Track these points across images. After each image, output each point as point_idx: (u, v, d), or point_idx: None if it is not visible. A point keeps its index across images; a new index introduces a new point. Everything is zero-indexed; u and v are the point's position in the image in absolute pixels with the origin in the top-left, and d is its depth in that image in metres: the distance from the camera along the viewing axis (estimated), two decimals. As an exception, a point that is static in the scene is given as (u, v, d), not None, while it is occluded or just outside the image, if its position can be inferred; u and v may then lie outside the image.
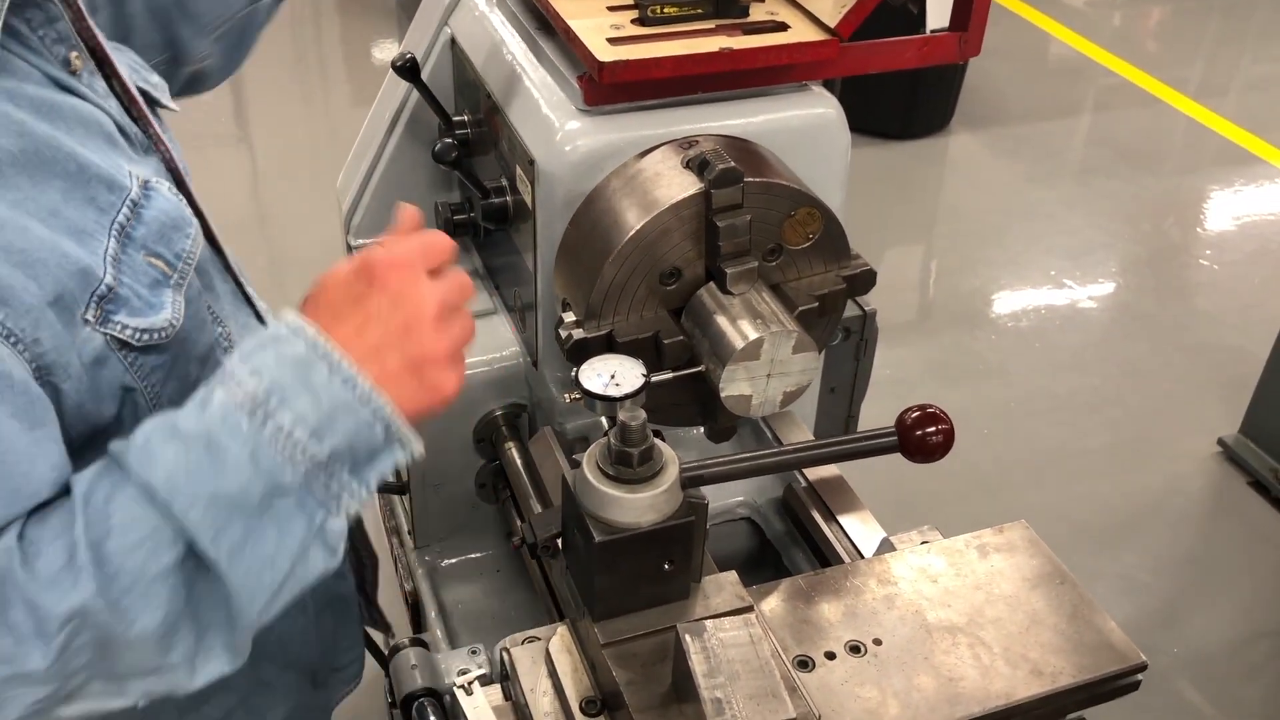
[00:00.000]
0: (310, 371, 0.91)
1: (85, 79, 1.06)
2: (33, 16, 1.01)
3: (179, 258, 1.06)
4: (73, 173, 0.98)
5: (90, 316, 0.97)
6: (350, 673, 1.57)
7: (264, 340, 0.94)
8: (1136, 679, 1.30)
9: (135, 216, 1.02)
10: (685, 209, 1.41)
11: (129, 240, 1.01)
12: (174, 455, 0.89)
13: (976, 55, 1.68)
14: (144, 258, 1.02)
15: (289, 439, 0.90)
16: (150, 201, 1.04)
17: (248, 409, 0.90)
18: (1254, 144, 5.60)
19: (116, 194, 1.01)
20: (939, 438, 1.22)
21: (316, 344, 0.92)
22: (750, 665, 1.06)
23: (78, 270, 0.95)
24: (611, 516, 1.14)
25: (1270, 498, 3.51)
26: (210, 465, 0.88)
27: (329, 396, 0.91)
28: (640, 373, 1.33)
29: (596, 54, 1.47)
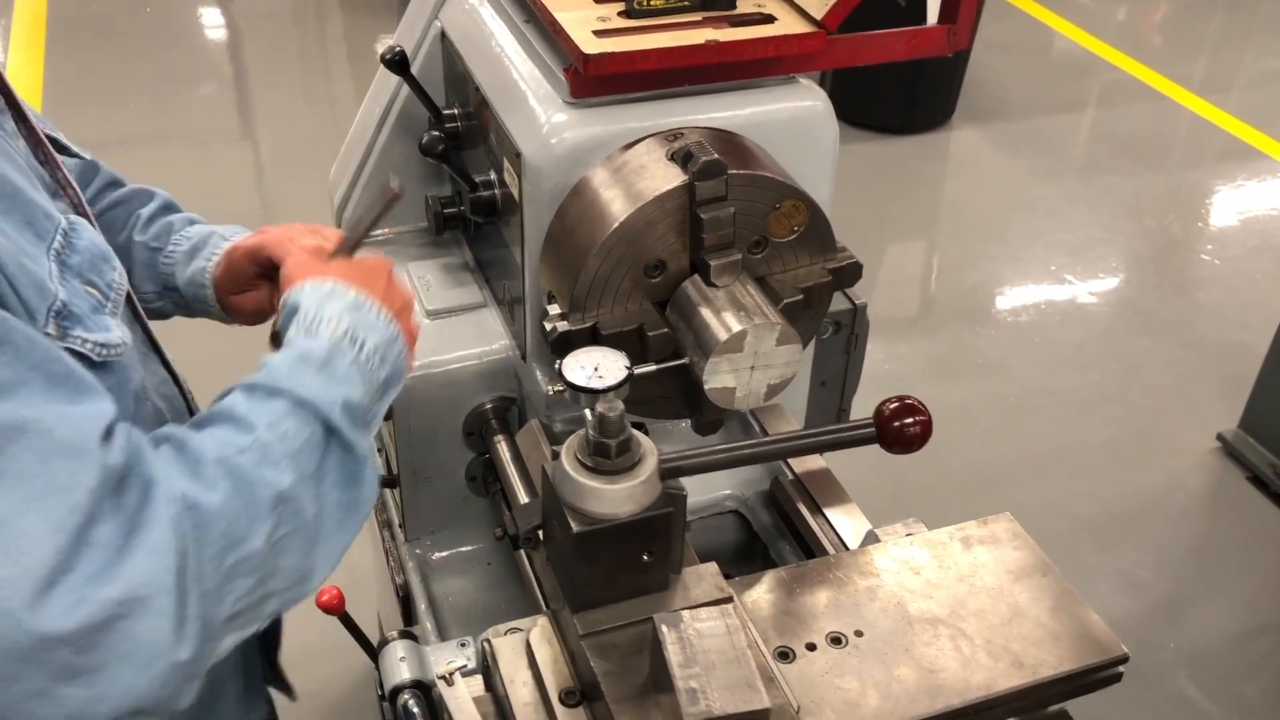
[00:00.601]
0: (366, 312, 1.15)
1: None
2: None
3: (110, 287, 1.08)
4: (9, 194, 0.99)
5: (50, 330, 0.98)
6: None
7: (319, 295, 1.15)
8: (1119, 671, 1.30)
9: (69, 245, 1.04)
10: (669, 201, 1.41)
11: (66, 267, 1.03)
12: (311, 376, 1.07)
13: (965, 48, 1.68)
14: (80, 285, 1.04)
15: (368, 360, 1.12)
16: (78, 233, 1.06)
17: (349, 337, 1.11)
18: (1258, 139, 5.58)
19: (50, 223, 1.03)
20: (916, 429, 1.22)
21: (358, 294, 1.16)
22: (726, 655, 1.06)
23: (33, 282, 0.97)
24: (590, 507, 1.14)
25: (1269, 493, 3.51)
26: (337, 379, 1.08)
27: (383, 332, 1.15)
28: (624, 365, 1.33)
29: (582, 46, 1.47)
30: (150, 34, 6.22)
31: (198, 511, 0.95)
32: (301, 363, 1.07)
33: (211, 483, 0.97)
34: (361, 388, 1.10)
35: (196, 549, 0.94)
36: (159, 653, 0.91)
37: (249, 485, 0.99)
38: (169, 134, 5.16)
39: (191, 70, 5.93)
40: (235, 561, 0.97)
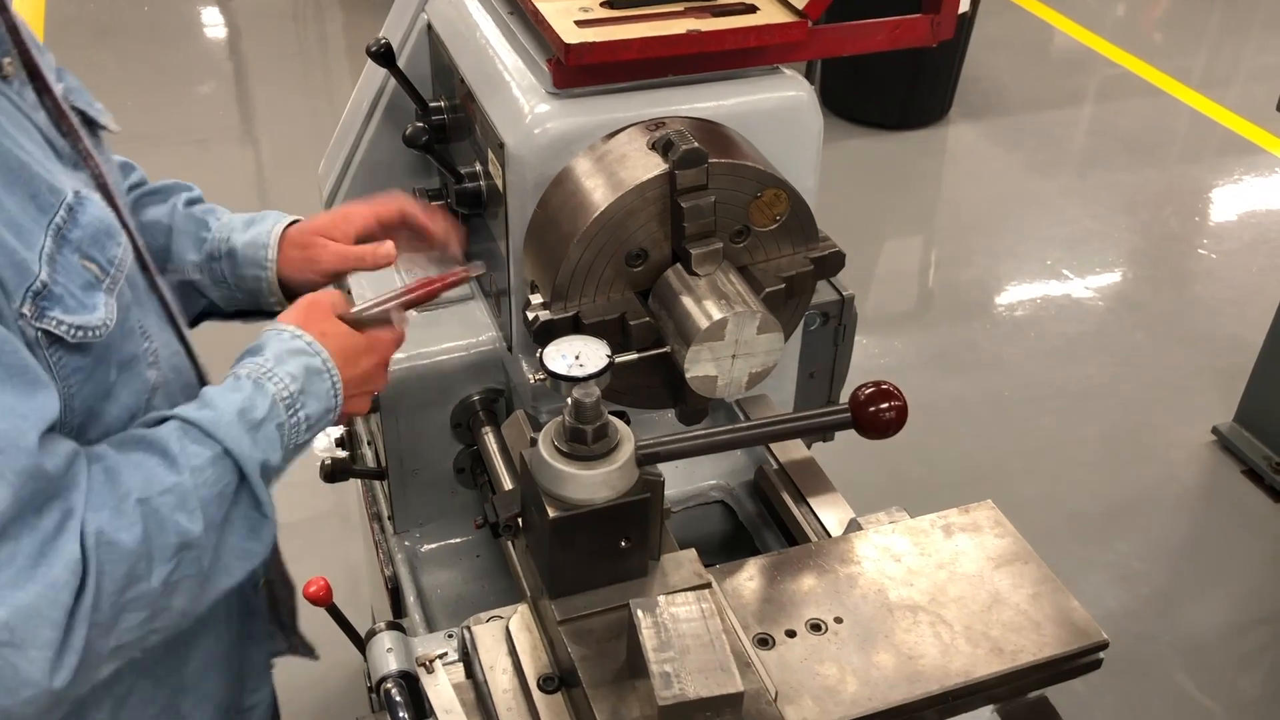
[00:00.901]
0: (320, 381, 1.23)
1: (16, 87, 1.09)
2: None
3: (111, 263, 1.10)
4: (14, 168, 1.01)
5: (25, 310, 0.99)
6: (260, 713, 1.54)
7: (291, 348, 1.23)
8: (1099, 657, 1.30)
9: (71, 219, 1.06)
10: (650, 190, 1.41)
11: (65, 241, 1.04)
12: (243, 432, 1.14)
13: (949, 37, 1.68)
14: (79, 260, 1.05)
15: (296, 428, 1.20)
16: (84, 208, 1.08)
17: (286, 402, 1.19)
18: (1256, 134, 5.58)
19: (55, 196, 1.05)
20: (891, 414, 1.22)
21: (327, 362, 1.24)
22: (701, 640, 1.07)
23: (13, 263, 0.98)
24: (566, 493, 1.14)
25: (1264, 486, 3.51)
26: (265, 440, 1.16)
27: (324, 404, 1.24)
28: (604, 353, 1.33)
29: (564, 36, 1.47)
30: (149, 33, 6.23)
31: (112, 549, 1.00)
32: (240, 417, 1.14)
33: (130, 522, 1.02)
34: (281, 452, 1.18)
35: (97, 584, 0.99)
36: (32, 682, 0.94)
37: (160, 528, 1.04)
38: (168, 133, 5.16)
39: (190, 69, 5.93)
40: (131, 598, 1.02)
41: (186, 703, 1.35)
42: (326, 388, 1.23)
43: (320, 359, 1.23)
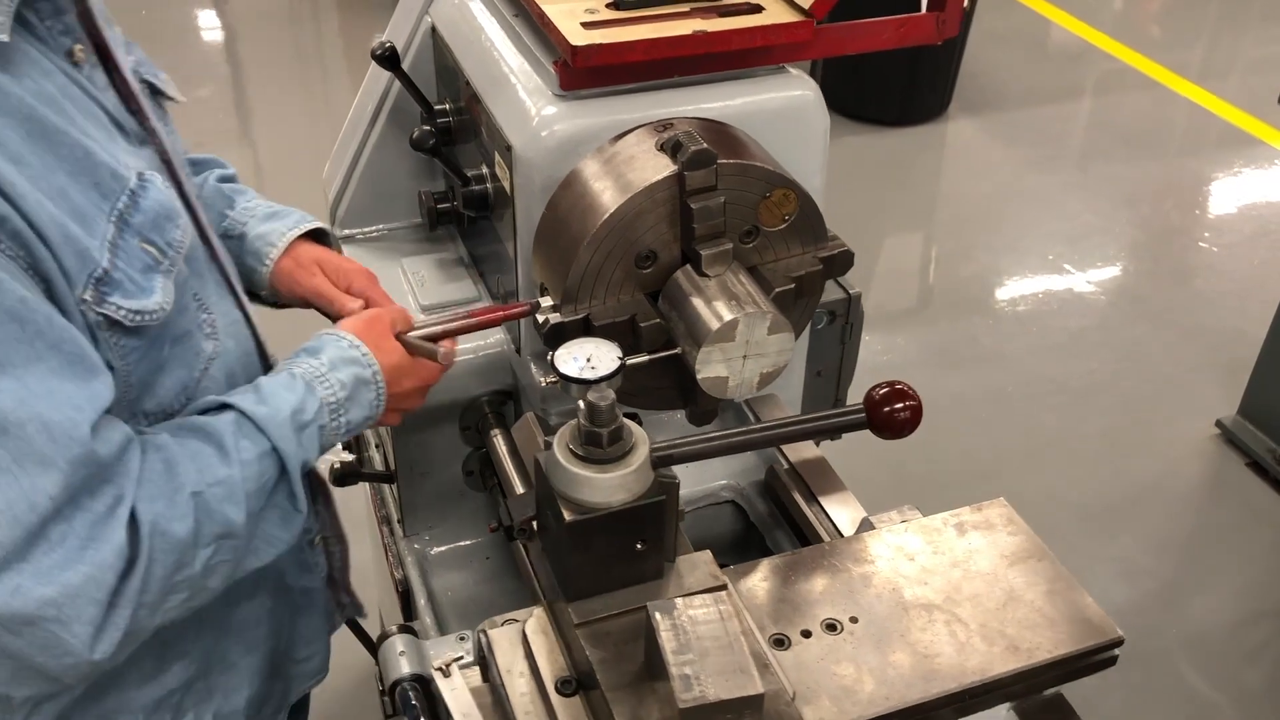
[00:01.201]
0: (367, 391, 1.30)
1: (86, 71, 1.12)
2: (42, 8, 1.07)
3: (170, 246, 1.13)
4: (80, 158, 1.05)
5: (87, 296, 1.04)
6: (313, 666, 1.58)
7: (348, 357, 1.29)
8: (1114, 654, 1.30)
9: (133, 205, 1.09)
10: (659, 191, 1.41)
11: (126, 226, 1.08)
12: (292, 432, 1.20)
13: (955, 35, 1.68)
14: (139, 244, 1.09)
15: (337, 432, 1.27)
16: (146, 192, 1.11)
17: (332, 407, 1.25)
18: (1255, 126, 5.58)
19: (119, 182, 1.08)
20: (906, 414, 1.22)
21: (377, 375, 1.31)
22: (720, 642, 1.07)
23: (77, 251, 1.03)
24: (582, 496, 1.14)
25: (1269, 478, 3.51)
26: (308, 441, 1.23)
27: (367, 411, 1.30)
28: (616, 355, 1.33)
29: (570, 38, 1.47)
30: (145, 37, 6.11)
31: (165, 538, 1.06)
32: (292, 418, 1.20)
33: (182, 514, 1.08)
34: (318, 451, 1.25)
35: (148, 570, 1.05)
36: (74, 653, 1.01)
37: (209, 519, 1.11)
38: (165, 136, 5.15)
39: (188, 72, 5.92)
40: (177, 582, 1.09)
41: (235, 649, 1.40)
42: (372, 398, 1.30)
43: (371, 371, 1.30)
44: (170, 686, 1.32)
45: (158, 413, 1.18)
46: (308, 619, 1.55)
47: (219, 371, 1.26)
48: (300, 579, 1.51)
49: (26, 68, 1.03)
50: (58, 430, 0.98)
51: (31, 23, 1.06)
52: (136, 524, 1.04)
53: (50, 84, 1.05)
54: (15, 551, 0.96)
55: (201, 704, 1.37)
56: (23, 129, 1.00)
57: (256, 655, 1.43)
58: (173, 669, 1.32)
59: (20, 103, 1.01)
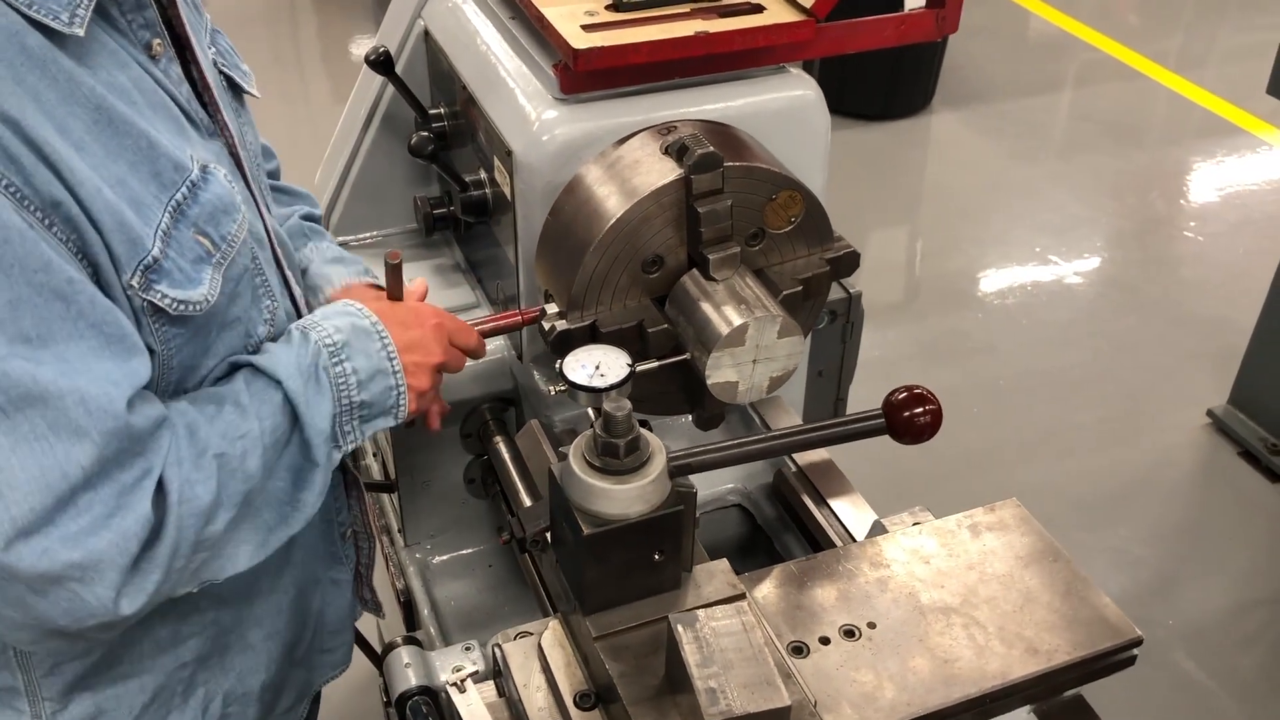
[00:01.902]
0: (369, 340, 1.27)
1: (163, 65, 1.15)
2: (124, 1, 1.10)
3: (224, 239, 1.15)
4: (143, 148, 1.07)
5: (135, 282, 1.06)
6: (337, 656, 1.58)
7: (342, 310, 1.29)
8: (1132, 654, 1.29)
9: (192, 196, 1.12)
10: (665, 195, 1.40)
11: (182, 217, 1.10)
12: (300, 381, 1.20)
13: (954, 32, 1.67)
14: (193, 235, 1.12)
15: (345, 380, 1.24)
16: (207, 185, 1.14)
17: (330, 349, 1.23)
18: (1235, 114, 5.60)
19: (180, 174, 1.11)
20: (927, 418, 1.21)
21: (377, 325, 1.29)
22: (744, 654, 1.05)
23: (129, 239, 1.05)
24: (599, 508, 1.13)
25: (1260, 467, 3.52)
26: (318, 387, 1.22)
27: (376, 362, 1.27)
28: (625, 363, 1.32)
29: (571, 41, 1.45)
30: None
31: (191, 504, 1.09)
32: (296, 365, 1.20)
33: (206, 475, 1.11)
34: (332, 401, 1.22)
35: (177, 535, 1.08)
36: (96, 612, 1.06)
37: (231, 477, 1.13)
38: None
39: (165, 75, 5.86)
40: (202, 540, 1.12)
41: (255, 633, 1.40)
42: (376, 347, 1.27)
43: (369, 321, 1.28)
44: (184, 659, 1.33)
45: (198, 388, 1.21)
46: (335, 610, 1.54)
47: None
48: (330, 570, 1.51)
49: (103, 59, 1.06)
50: (94, 403, 1.01)
51: (112, 15, 1.09)
52: (164, 493, 1.08)
53: (124, 75, 1.09)
54: (45, 516, 1.00)
55: (214, 681, 1.38)
56: (89, 117, 1.03)
57: (277, 642, 1.43)
58: (189, 643, 1.33)
59: (91, 93, 1.03)
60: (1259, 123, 5.47)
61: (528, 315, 1.50)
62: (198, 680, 1.36)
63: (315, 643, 1.52)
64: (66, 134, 1.01)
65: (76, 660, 1.24)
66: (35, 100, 0.98)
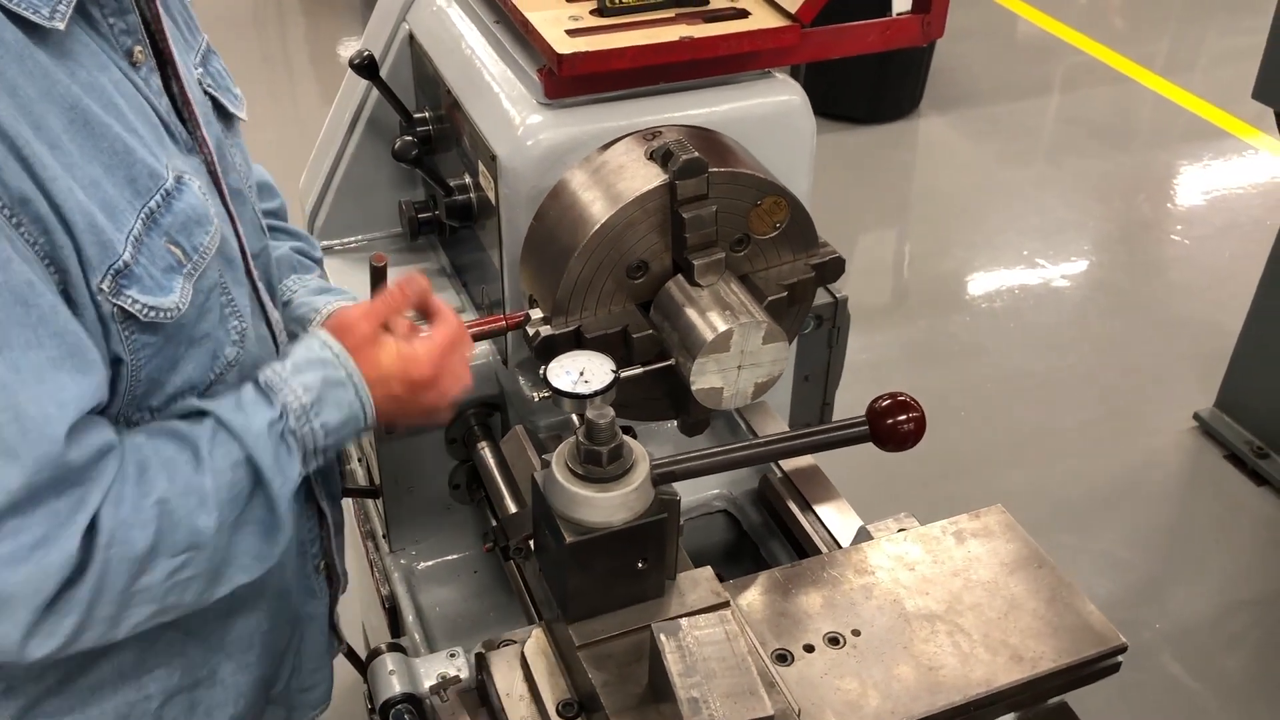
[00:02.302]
0: (343, 391, 1.24)
1: (144, 74, 1.14)
2: (106, 4, 1.09)
3: (195, 250, 1.14)
4: (119, 152, 1.06)
5: (105, 286, 1.04)
6: (317, 695, 1.57)
7: (318, 359, 1.24)
8: (1117, 661, 1.29)
9: (165, 205, 1.10)
10: (650, 201, 1.39)
11: (155, 225, 1.09)
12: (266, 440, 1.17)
13: (940, 37, 1.67)
14: (165, 244, 1.10)
15: (314, 435, 1.22)
16: (181, 195, 1.13)
17: (297, 412, 1.20)
18: (1221, 118, 5.62)
19: (155, 181, 1.10)
20: (910, 425, 1.21)
21: (353, 375, 1.24)
22: (727, 663, 1.05)
23: (100, 242, 1.03)
24: (582, 516, 1.12)
25: (1246, 470, 3.53)
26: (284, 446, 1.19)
27: (348, 411, 1.24)
28: (609, 369, 1.31)
29: (555, 46, 1.45)
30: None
31: (123, 547, 1.05)
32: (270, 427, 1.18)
33: (145, 520, 1.07)
34: (299, 459, 1.20)
35: (101, 579, 1.04)
36: (3, 650, 1.02)
37: (174, 527, 1.09)
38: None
39: (151, 77, 5.84)
40: (136, 592, 1.08)
41: (226, 667, 1.38)
42: (349, 397, 1.24)
43: (344, 372, 1.25)
44: (148, 692, 1.30)
45: (162, 407, 1.19)
46: (312, 645, 1.52)
47: (235, 378, 1.25)
48: (306, 604, 1.49)
49: (84, 59, 1.06)
50: (30, 425, 0.97)
51: (95, 17, 1.08)
52: (95, 532, 1.04)
53: (104, 78, 1.08)
54: None
55: (181, 716, 1.35)
56: (65, 117, 1.02)
57: (249, 675, 1.40)
58: (155, 673, 1.30)
59: (68, 92, 1.02)
60: (1245, 127, 5.49)
61: (512, 320, 1.49)
62: (164, 715, 1.33)
63: (294, 681, 1.50)
64: (41, 130, 0.99)
65: (31, 683, 1.21)
66: (11, 94, 0.97)
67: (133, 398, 1.14)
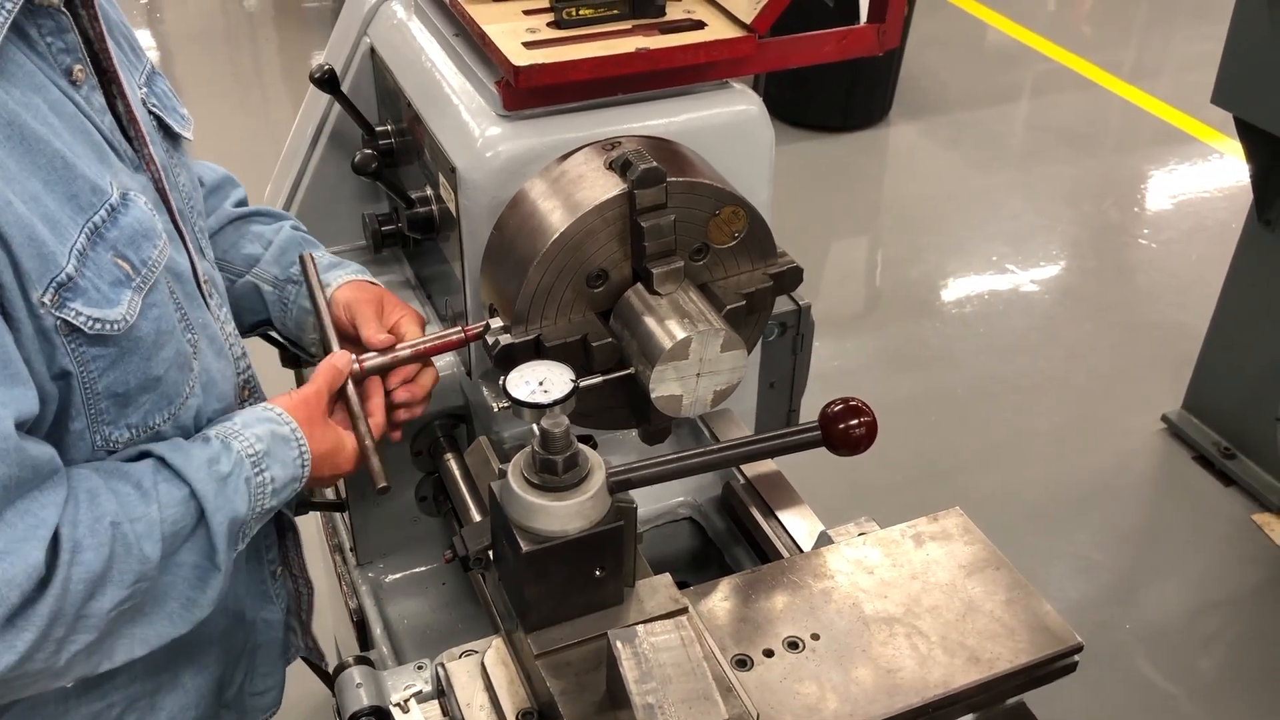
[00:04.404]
0: (287, 448, 1.28)
1: (85, 92, 1.15)
2: (44, 24, 1.10)
3: (144, 264, 1.15)
4: (58, 168, 1.07)
5: (46, 299, 1.04)
6: (268, 699, 1.57)
7: (261, 417, 1.28)
8: (1074, 660, 1.30)
9: (111, 220, 1.11)
10: (609, 210, 1.40)
11: (100, 239, 1.10)
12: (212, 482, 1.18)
13: (895, 46, 1.69)
14: (112, 258, 1.11)
15: (263, 489, 1.24)
16: (127, 210, 1.13)
17: (252, 460, 1.23)
18: (1187, 123, 5.69)
19: (98, 197, 1.10)
20: (861, 430, 1.22)
21: (296, 432, 1.29)
22: (682, 669, 1.05)
23: (41, 255, 1.03)
24: (538, 525, 1.13)
25: (1214, 471, 3.57)
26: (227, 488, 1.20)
27: (291, 470, 1.28)
28: (569, 378, 1.31)
29: (512, 58, 1.45)
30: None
31: (81, 567, 1.06)
32: (208, 465, 1.19)
33: (100, 542, 1.07)
34: (248, 507, 1.22)
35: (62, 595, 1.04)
36: None
37: (126, 554, 1.10)
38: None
39: (122, 93, 5.82)
40: (86, 615, 1.08)
41: (186, 671, 1.39)
42: (293, 455, 1.28)
43: (289, 428, 1.29)
44: (111, 700, 1.31)
45: (140, 424, 1.19)
46: (266, 652, 1.53)
47: (199, 393, 1.26)
48: (262, 609, 1.50)
49: (19, 79, 1.06)
50: None
51: (32, 37, 1.09)
52: (58, 547, 1.04)
53: (40, 98, 1.08)
54: None
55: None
56: (2, 133, 1.03)
57: (207, 678, 1.41)
58: (117, 680, 1.30)
59: (3, 108, 1.03)
60: (1210, 131, 5.55)
61: (471, 333, 1.49)
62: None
63: (246, 685, 1.51)
64: None
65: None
66: None
67: (97, 412, 1.14)
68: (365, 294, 1.53)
